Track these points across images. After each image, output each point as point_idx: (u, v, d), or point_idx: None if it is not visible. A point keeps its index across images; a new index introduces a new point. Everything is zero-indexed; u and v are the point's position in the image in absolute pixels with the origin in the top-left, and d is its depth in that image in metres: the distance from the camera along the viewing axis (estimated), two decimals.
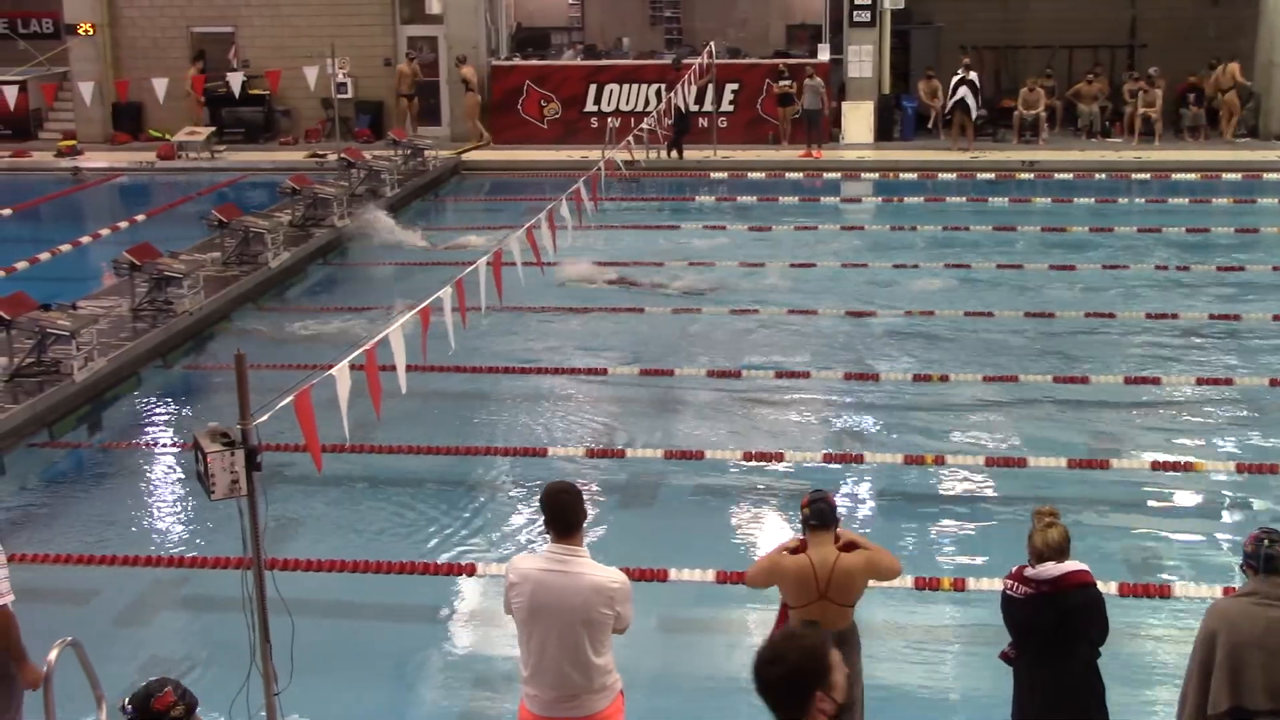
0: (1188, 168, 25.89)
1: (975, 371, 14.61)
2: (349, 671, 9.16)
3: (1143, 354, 15.34)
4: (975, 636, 9.21)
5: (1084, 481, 11.80)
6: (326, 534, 11.23)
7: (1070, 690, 6.75)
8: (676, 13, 34.48)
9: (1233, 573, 10.21)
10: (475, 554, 10.78)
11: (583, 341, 16.41)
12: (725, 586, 10.01)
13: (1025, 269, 19.02)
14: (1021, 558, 6.91)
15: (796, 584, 7.11)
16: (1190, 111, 28.66)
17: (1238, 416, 13.55)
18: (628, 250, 20.68)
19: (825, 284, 18.75)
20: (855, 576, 7.07)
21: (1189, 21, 30.17)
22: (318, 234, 21.12)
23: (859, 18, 29.12)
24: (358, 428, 11.60)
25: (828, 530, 7.11)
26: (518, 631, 6.70)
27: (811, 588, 7.05)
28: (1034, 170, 26.44)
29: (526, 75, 30.11)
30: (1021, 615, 6.78)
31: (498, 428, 13.65)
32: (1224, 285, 18.18)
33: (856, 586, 7.11)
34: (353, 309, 17.60)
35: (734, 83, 29.33)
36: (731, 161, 27.57)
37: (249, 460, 6.82)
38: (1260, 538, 6.53)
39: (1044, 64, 30.07)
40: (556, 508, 6.59)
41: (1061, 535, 6.71)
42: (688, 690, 8.98)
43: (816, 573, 7.02)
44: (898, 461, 12.26)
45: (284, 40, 30.30)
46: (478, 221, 23.13)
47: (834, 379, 14.65)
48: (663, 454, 12.50)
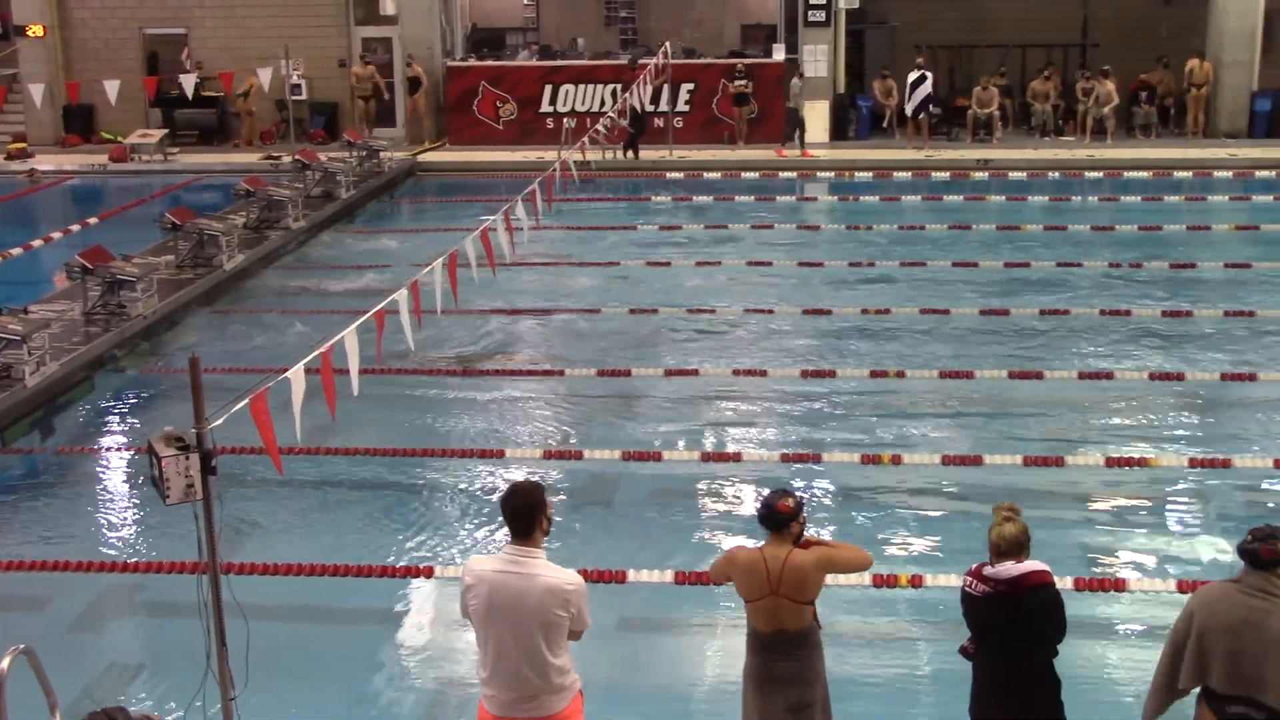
0: (1140, 166, 26.09)
1: (931, 369, 14.66)
2: (306, 675, 9.11)
3: (1097, 350, 15.44)
4: (934, 632, 9.25)
5: (1039, 477, 11.86)
6: (282, 537, 11.17)
7: (1027, 686, 6.79)
8: (631, 13, 34.50)
9: (1186, 566, 10.34)
10: (432, 556, 10.74)
11: (539, 342, 16.39)
12: (684, 587, 10.02)
13: (980, 267, 19.12)
14: (979, 554, 6.94)
15: (747, 577, 7.11)
16: (1142, 110, 28.92)
17: (1190, 411, 13.66)
18: (583, 251, 20.68)
19: (782, 283, 18.80)
20: (807, 573, 7.00)
21: (1140, 21, 30.41)
22: (273, 236, 21.01)
23: (814, 17, 29.20)
24: (314, 431, 11.58)
25: (780, 533, 7.08)
26: (475, 633, 6.68)
27: (763, 582, 7.03)
28: (988, 169, 26.59)
29: (482, 76, 30.05)
30: (980, 613, 6.81)
31: (454, 429, 13.61)
32: (1176, 282, 18.33)
33: (809, 583, 7.04)
34: (312, 311, 17.52)
35: (689, 83, 29.37)
36: (688, 161, 27.60)
37: (204, 464, 6.78)
38: (1251, 532, 6.61)
39: (997, 63, 30.26)
40: (514, 508, 6.57)
41: (1018, 531, 6.74)
42: (647, 691, 8.98)
43: (768, 567, 7.01)
44: (855, 460, 12.29)
45: (237, 42, 30.11)
46: (431, 223, 23.07)
47: (791, 377, 14.67)
48: (620, 455, 12.48)
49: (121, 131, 29.74)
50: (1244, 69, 28.53)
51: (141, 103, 30.06)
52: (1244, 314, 16.45)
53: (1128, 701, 8.60)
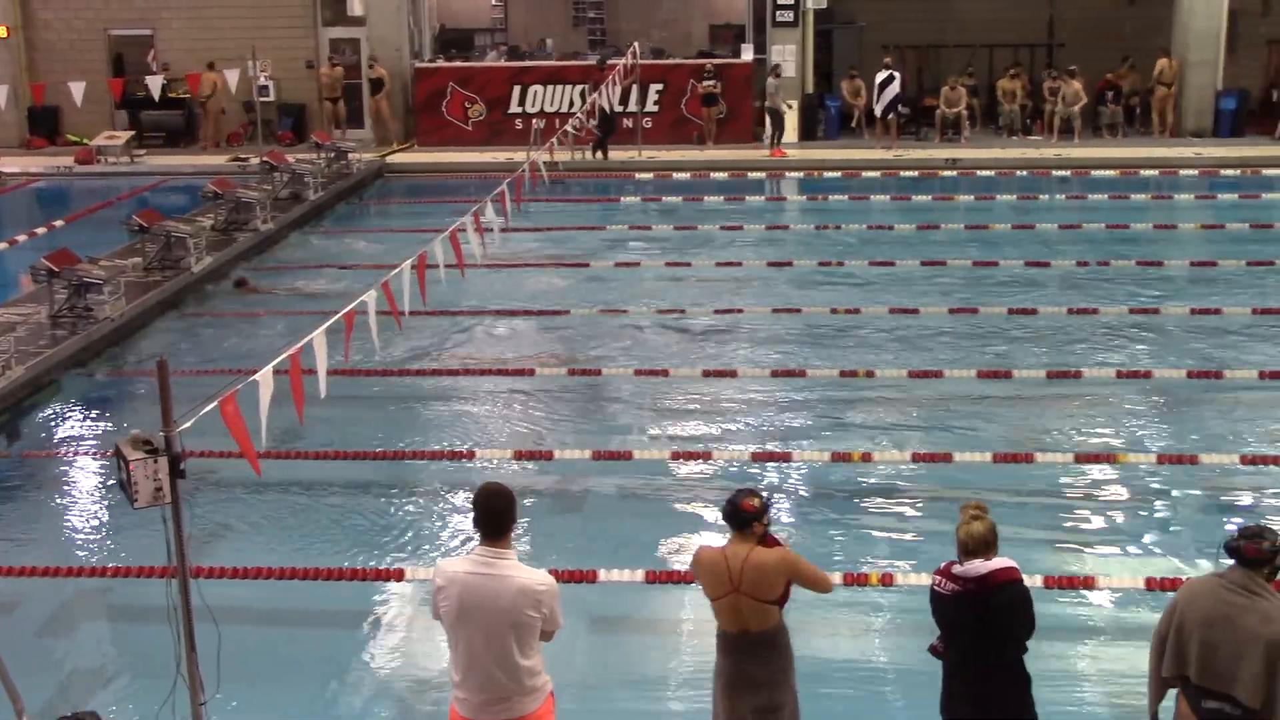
0: (1107, 165, 26.23)
1: (900, 368, 14.70)
2: (276, 679, 9.08)
3: (1065, 349, 15.51)
4: (904, 630, 9.28)
5: (1009, 475, 11.90)
6: (252, 541, 11.11)
7: (997, 683, 6.81)
8: (600, 13, 34.54)
9: (1154, 562, 10.40)
10: (403, 559, 10.71)
11: (509, 342, 16.37)
12: (655, 587, 10.03)
13: (949, 266, 19.19)
14: (948, 552, 6.96)
15: (709, 573, 7.11)
16: (1109, 109, 29.09)
17: (1158, 408, 13.74)
18: (552, 251, 20.68)
19: (751, 283, 18.83)
20: (768, 572, 6.96)
21: (1106, 20, 30.57)
22: (241, 238, 20.93)
23: (782, 17, 29.27)
24: (283, 433, 11.55)
25: (743, 532, 7.07)
26: (446, 635, 6.66)
27: (724, 579, 7.03)
28: (956, 168, 26.70)
29: (450, 77, 30.00)
30: (949, 612, 6.83)
31: (424, 431, 13.57)
32: (1143, 280, 18.43)
33: (771, 583, 6.99)
34: (280, 313, 17.46)
35: (658, 83, 29.39)
36: (657, 162, 27.62)
37: (172, 468, 6.75)
38: (1240, 529, 6.68)
39: (965, 63, 30.39)
40: (485, 509, 6.56)
41: (985, 529, 6.76)
42: (618, 691, 8.97)
43: (729, 563, 7.00)
44: (825, 459, 12.32)
45: (204, 43, 29.96)
46: (400, 224, 23.02)
47: (761, 377, 14.70)
48: (591, 455, 12.48)
49: (87, 133, 29.60)
50: (1209, 68, 28.72)
51: (107, 104, 29.91)
52: (1210, 312, 16.55)
53: (1097, 697, 8.67)
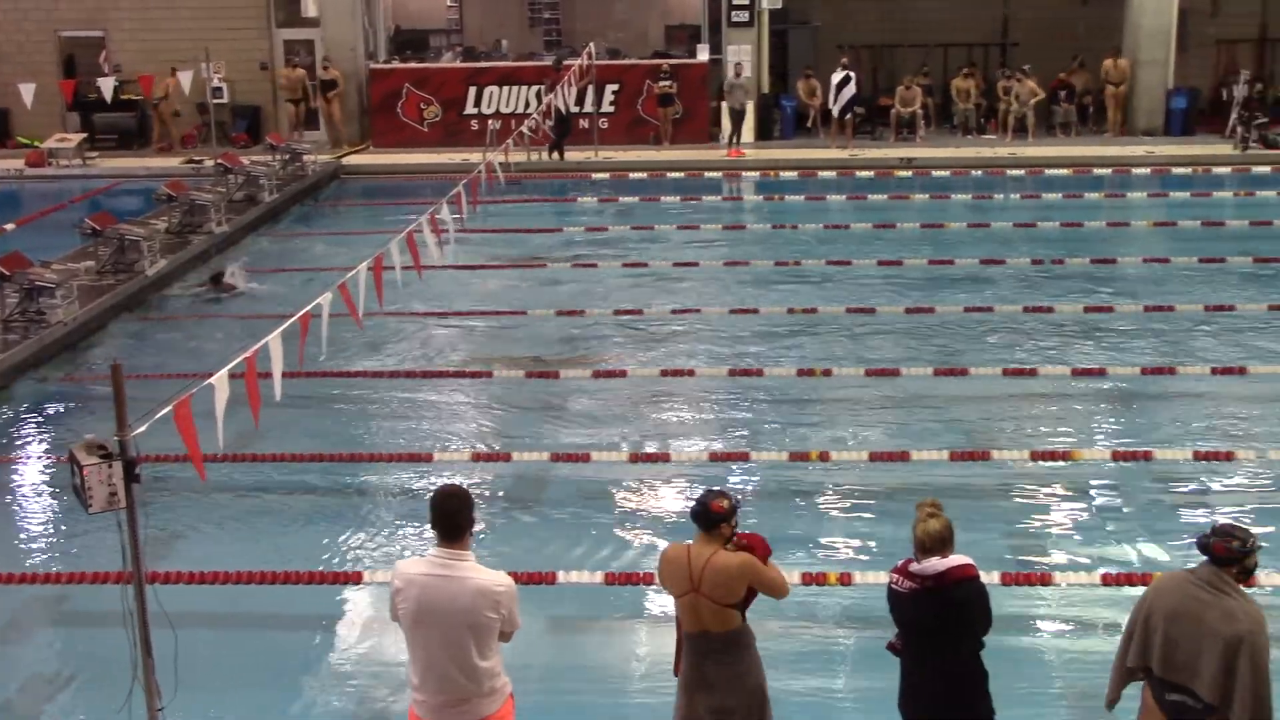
0: (1060, 163, 26.41)
1: (858, 367, 14.76)
2: (234, 684, 9.02)
3: (1020, 346, 15.60)
4: (863, 628, 9.30)
5: (965, 473, 11.97)
6: (209, 545, 11.05)
7: (955, 680, 6.84)
8: (555, 14, 34.53)
9: (1110, 558, 10.47)
10: (361, 561, 10.68)
11: (466, 344, 16.34)
12: (613, 588, 10.03)
13: (905, 265, 19.27)
14: (906, 550, 6.99)
15: (672, 572, 7.11)
16: (1062, 108, 29.30)
17: (1112, 405, 13.84)
18: (509, 252, 20.66)
19: (708, 283, 18.86)
20: (728, 575, 6.94)
21: (1059, 20, 30.80)
22: (195, 241, 20.81)
23: (737, 18, 29.34)
24: (239, 437, 11.48)
25: (710, 533, 7.05)
26: (405, 637, 6.65)
27: (684, 578, 7.02)
28: (912, 167, 26.82)
29: (405, 78, 29.91)
30: (906, 610, 6.86)
31: (381, 433, 13.53)
32: (1097, 278, 18.56)
33: (731, 586, 6.97)
34: (236, 316, 17.36)
35: (614, 83, 29.39)
36: (613, 162, 27.62)
37: (127, 472, 6.70)
38: (1213, 526, 6.74)
39: (919, 63, 30.55)
40: (443, 511, 6.54)
41: (941, 526, 6.79)
42: (577, 692, 8.96)
43: (691, 563, 7.00)
44: (783, 458, 12.34)
45: (156, 44, 29.78)
46: (356, 226, 22.93)
47: (718, 377, 14.72)
48: (549, 456, 12.46)
49: (38, 135, 29.34)
50: (1159, 67, 28.98)
51: (58, 106, 29.68)
52: (1163, 309, 16.69)
53: (1054, 693, 8.72)
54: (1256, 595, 7.29)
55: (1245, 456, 12.21)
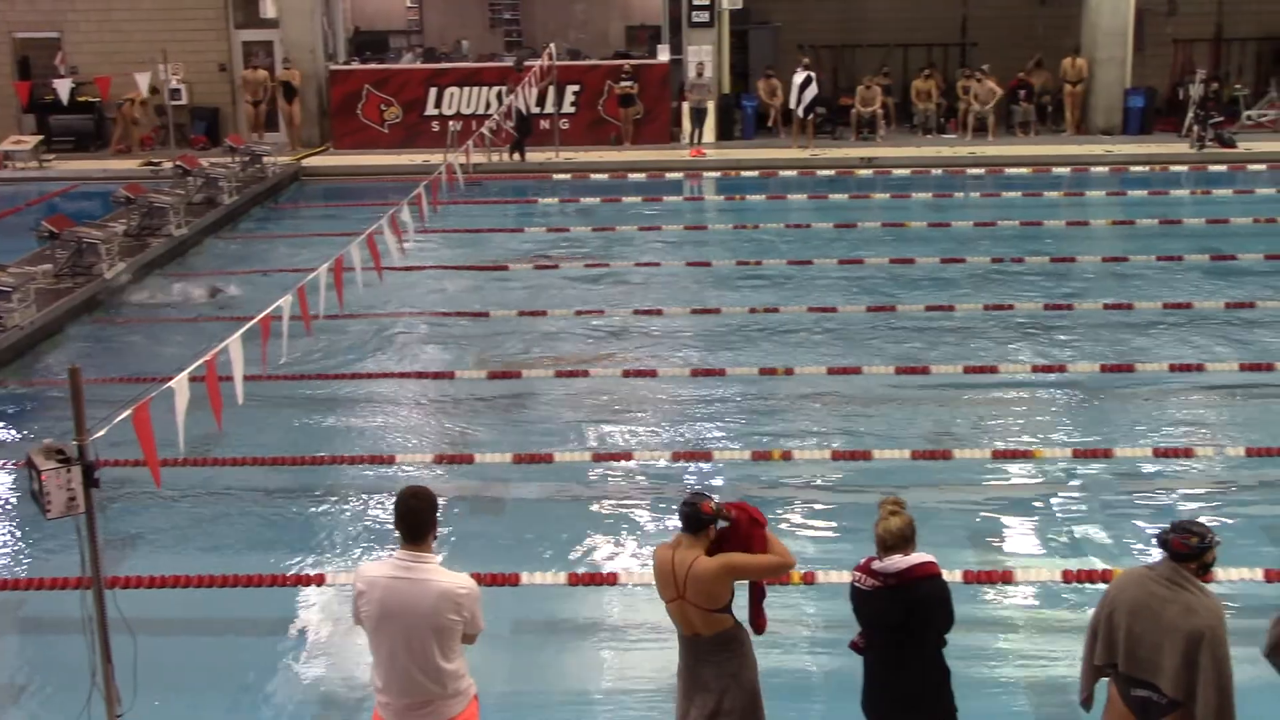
0: (1020, 162, 26.54)
1: (819, 365, 14.79)
2: (196, 689, 8.97)
3: (981, 344, 15.67)
4: (826, 627, 9.32)
5: (927, 471, 12.01)
6: (169, 550, 10.98)
7: (917, 677, 6.86)
8: (516, 15, 34.46)
9: (1071, 555, 10.52)
10: (323, 564, 10.63)
11: (428, 346, 16.29)
12: (577, 589, 10.02)
13: (866, 264, 19.34)
14: (868, 549, 7.00)
15: (660, 577, 7.08)
16: (1021, 107, 29.46)
17: (1072, 403, 13.92)
18: (470, 254, 20.62)
19: (670, 283, 18.87)
20: (708, 581, 6.89)
21: (1018, 20, 30.99)
22: (154, 244, 20.68)
23: (698, 18, 29.38)
24: (200, 440, 11.41)
25: (696, 535, 6.98)
26: (368, 639, 6.62)
27: (671, 585, 7.01)
28: (872, 167, 26.91)
29: (365, 79, 29.81)
30: (869, 607, 6.87)
31: (344, 436, 13.47)
32: (1056, 276, 18.67)
33: (713, 591, 6.92)
34: (195, 319, 17.26)
35: (575, 84, 29.37)
36: (575, 163, 27.60)
37: (86, 477, 6.65)
38: (1173, 523, 6.78)
39: (879, 63, 30.66)
40: (406, 513, 6.52)
41: (903, 524, 6.81)
42: (542, 694, 8.95)
43: (675, 570, 6.98)
44: (745, 458, 12.36)
45: (113, 46, 29.57)
46: (316, 228, 22.83)
47: (681, 376, 14.73)
48: (512, 457, 12.43)
49: None
50: (1117, 66, 29.19)
51: (14, 108, 29.46)
52: (1122, 306, 16.80)
53: (1017, 690, 8.76)
54: (1216, 590, 7.33)
55: (1204, 453, 12.31)
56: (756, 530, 7.07)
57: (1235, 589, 9.44)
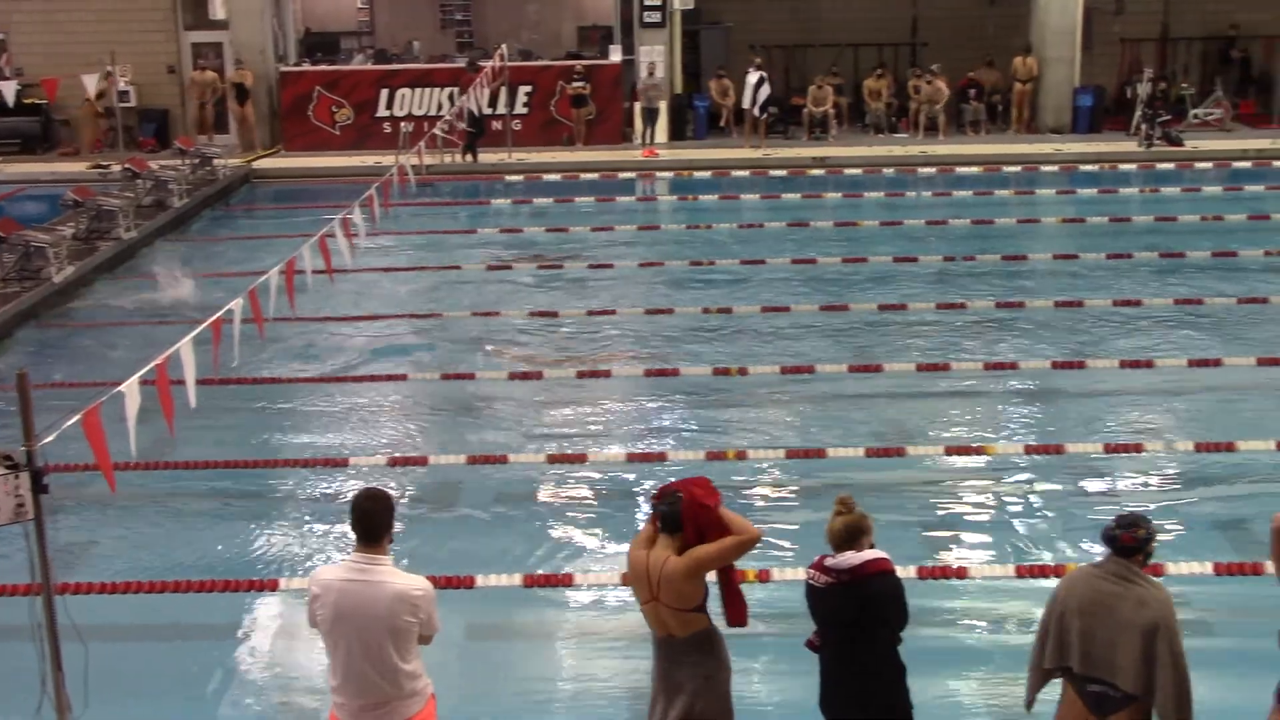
0: (971, 161, 26.69)
1: (773, 364, 14.83)
2: (149, 695, 8.91)
3: (934, 342, 15.75)
4: (781, 625, 9.33)
5: (881, 469, 12.06)
6: (120, 556, 10.88)
7: (873, 674, 6.89)
8: (467, 15, 34.37)
9: (1024, 551, 10.59)
10: (277, 569, 10.57)
11: (380, 348, 16.22)
12: (532, 590, 10.00)
13: (819, 263, 19.39)
14: (823, 547, 7.02)
15: (635, 579, 7.06)
16: (971, 106, 29.63)
17: (1024, 399, 14.02)
18: (422, 255, 20.57)
19: (624, 283, 18.88)
20: (678, 582, 6.87)
21: (967, 20, 31.17)
22: (103, 247, 20.51)
23: (649, 19, 29.39)
24: (152, 445, 11.32)
25: (672, 536, 6.94)
26: (324, 642, 6.60)
27: (645, 586, 6.98)
28: (824, 166, 26.99)
29: (316, 81, 29.66)
30: (823, 604, 6.89)
31: (296, 439, 13.41)
32: (1008, 274, 18.78)
33: (684, 591, 6.89)
34: (146, 323, 17.13)
35: (527, 85, 29.32)
36: (527, 164, 27.55)
37: (35, 483, 6.59)
38: (1116, 518, 6.81)
39: (831, 62, 30.76)
40: (361, 515, 6.51)
41: (856, 521, 6.83)
42: (498, 696, 8.94)
43: (649, 571, 6.96)
44: (700, 457, 12.35)
45: (60, 47, 29.26)
46: (267, 231, 22.70)
47: (635, 376, 14.74)
48: (466, 459, 12.41)
49: None
50: (1066, 65, 29.41)
51: None
52: (1073, 304, 16.92)
53: (972, 686, 8.81)
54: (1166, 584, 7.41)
55: (1153, 448, 12.43)
56: (705, 514, 6.92)
57: (1185, 583, 9.53)
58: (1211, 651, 8.30)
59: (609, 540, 10.89)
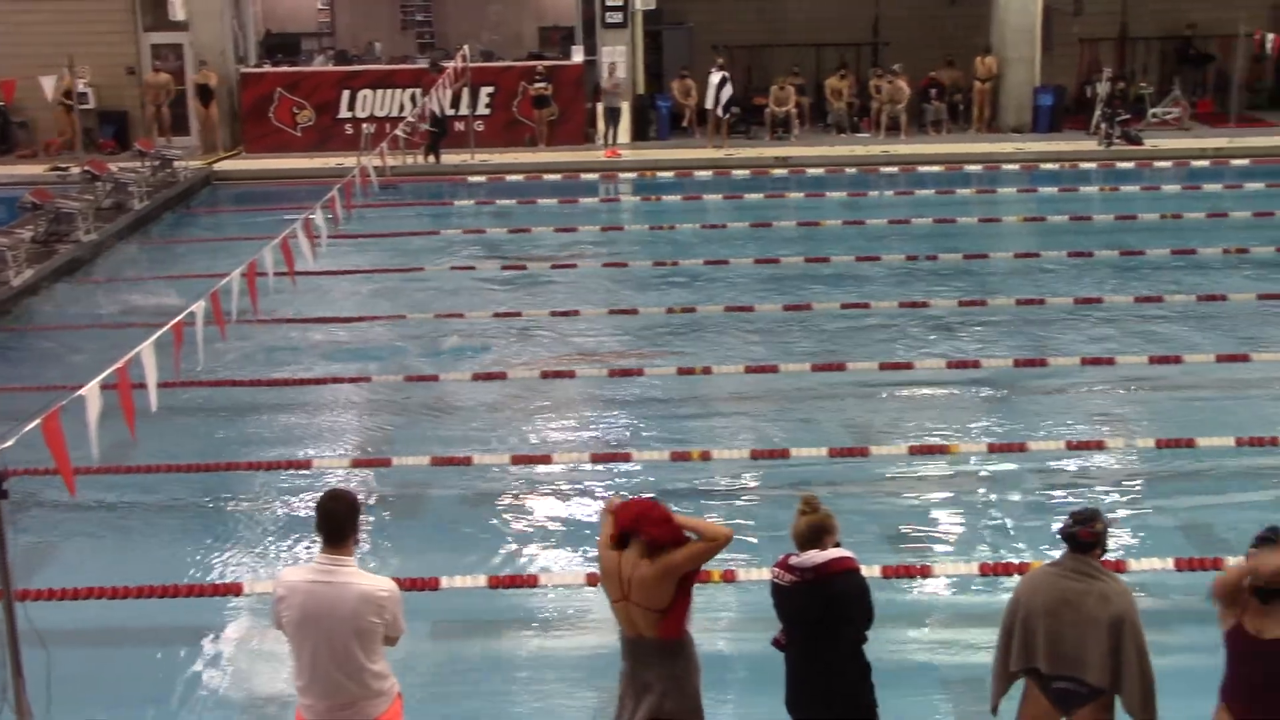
0: (932, 160, 26.80)
1: (737, 364, 14.85)
2: (112, 702, 8.84)
3: (896, 341, 15.81)
4: (747, 625, 9.35)
5: (845, 468, 12.09)
6: (83, 561, 10.81)
7: (838, 673, 6.90)
8: (428, 16, 34.31)
9: (988, 548, 10.64)
10: (241, 572, 10.52)
11: (343, 350, 16.16)
12: (498, 592, 9.99)
13: (782, 263, 19.43)
14: (788, 546, 7.04)
15: (606, 578, 7.06)
16: (933, 106, 29.75)
17: (986, 398, 14.08)
18: (386, 257, 20.51)
19: (587, 284, 18.88)
20: (649, 585, 6.85)
21: (928, 20, 31.29)
22: (63, 250, 20.36)
23: (611, 19, 29.37)
24: (114, 449, 11.24)
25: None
26: (290, 644, 6.58)
27: (616, 586, 6.98)
28: (787, 166, 27.04)
29: (277, 82, 29.52)
30: (788, 603, 6.91)
31: (261, 442, 13.33)
32: (970, 273, 18.87)
33: (656, 593, 6.87)
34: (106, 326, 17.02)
35: (489, 86, 29.27)
36: (490, 165, 27.51)
37: None
38: (1071, 515, 6.85)
39: (793, 62, 30.83)
40: (326, 516, 6.51)
41: (820, 520, 6.84)
42: (464, 696, 8.92)
43: (621, 572, 6.96)
44: (664, 458, 12.37)
45: (18, 49, 28.97)
46: (229, 233, 22.58)
47: (599, 377, 14.73)
48: (430, 460, 12.38)
49: None
50: (1026, 65, 29.56)
51: None
52: (1034, 302, 17.02)
53: (936, 683, 8.84)
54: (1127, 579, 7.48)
55: (1115, 445, 12.51)
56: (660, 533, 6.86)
57: (1146, 578, 9.59)
58: (1172, 646, 8.35)
59: (574, 541, 10.89)
